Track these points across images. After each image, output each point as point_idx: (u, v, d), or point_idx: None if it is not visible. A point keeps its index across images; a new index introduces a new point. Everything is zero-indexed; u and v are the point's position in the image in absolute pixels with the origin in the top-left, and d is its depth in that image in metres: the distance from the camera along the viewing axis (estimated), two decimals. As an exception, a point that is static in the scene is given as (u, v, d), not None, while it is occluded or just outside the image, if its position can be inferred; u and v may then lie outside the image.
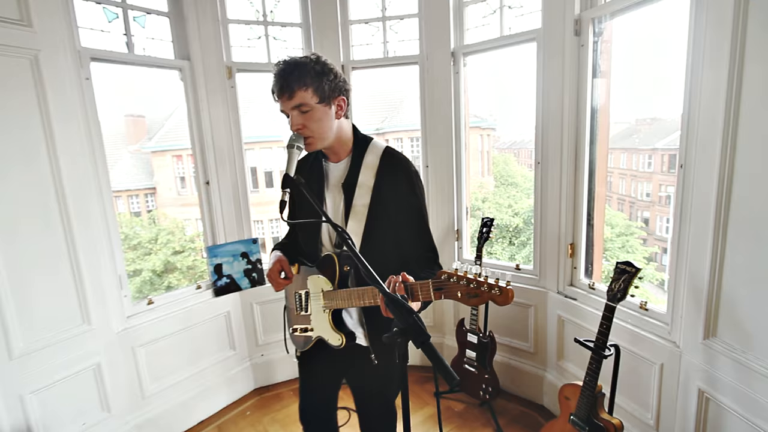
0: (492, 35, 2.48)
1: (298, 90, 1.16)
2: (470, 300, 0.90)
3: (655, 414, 1.75)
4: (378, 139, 1.34)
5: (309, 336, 1.38)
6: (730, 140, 1.35)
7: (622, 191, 20.05)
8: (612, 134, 11.70)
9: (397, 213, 1.26)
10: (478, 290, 0.88)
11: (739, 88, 1.32)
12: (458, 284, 0.91)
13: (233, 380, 2.68)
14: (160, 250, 13.58)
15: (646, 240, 15.76)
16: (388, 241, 1.25)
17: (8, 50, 1.71)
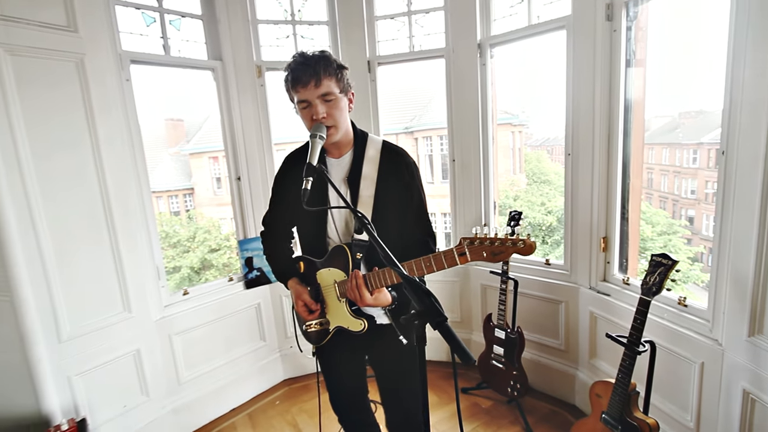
0: (520, 24, 2.42)
1: (324, 78, 1.19)
2: (495, 257, 0.94)
3: (695, 416, 1.65)
4: (373, 135, 1.39)
5: (326, 329, 1.39)
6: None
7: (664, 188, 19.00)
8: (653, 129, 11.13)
9: (400, 201, 1.32)
10: (503, 247, 0.93)
11: None
12: (482, 246, 0.95)
13: (263, 370, 2.76)
14: (197, 248, 14.18)
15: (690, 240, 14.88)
16: (392, 228, 1.29)
17: (57, 54, 1.85)
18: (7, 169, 1.69)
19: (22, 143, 1.73)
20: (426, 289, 0.87)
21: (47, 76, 1.80)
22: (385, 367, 1.45)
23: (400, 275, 0.90)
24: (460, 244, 0.97)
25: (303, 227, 1.45)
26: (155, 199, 18.15)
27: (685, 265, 11.37)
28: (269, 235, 1.53)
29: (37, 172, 1.77)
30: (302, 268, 1.43)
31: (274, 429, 2.38)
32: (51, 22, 1.82)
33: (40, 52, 1.78)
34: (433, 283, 2.83)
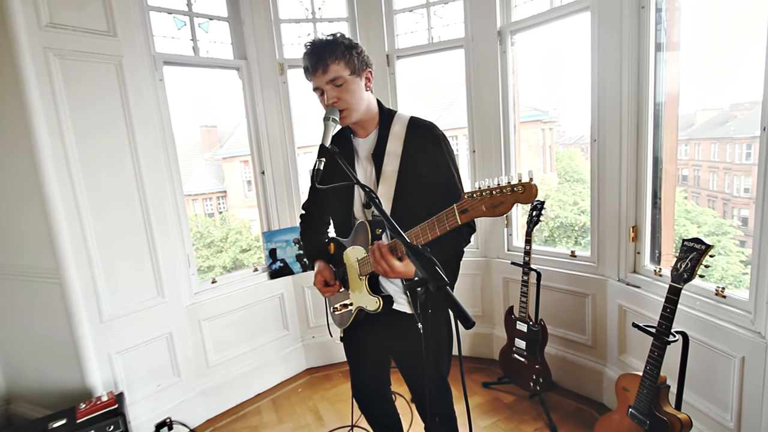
0: (541, 9, 2.35)
1: (331, 63, 1.21)
2: (496, 210, 0.85)
3: (736, 414, 1.54)
4: (402, 112, 1.36)
5: (349, 310, 1.41)
6: None
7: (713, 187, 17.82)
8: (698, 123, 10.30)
9: (427, 174, 1.28)
10: (501, 196, 0.83)
11: None
12: (482, 198, 0.87)
13: (287, 358, 2.82)
14: (229, 248, 14.74)
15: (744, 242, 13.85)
16: (418, 203, 1.27)
17: (99, 58, 2.00)
18: (56, 161, 1.85)
19: (68, 133, 1.90)
20: (429, 256, 0.86)
21: (90, 76, 1.96)
22: (405, 353, 1.45)
23: (404, 243, 0.90)
24: (460, 203, 0.93)
25: (334, 210, 1.48)
26: (191, 202, 19.06)
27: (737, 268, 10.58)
28: (306, 221, 1.59)
29: (81, 160, 1.94)
30: (332, 249, 1.46)
31: (296, 415, 2.43)
32: (94, 28, 1.97)
33: (84, 55, 1.93)
34: (455, 277, 2.80)
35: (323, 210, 1.55)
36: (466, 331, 2.85)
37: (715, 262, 1.36)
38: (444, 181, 1.28)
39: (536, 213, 2.21)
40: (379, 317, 1.34)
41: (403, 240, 0.91)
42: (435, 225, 1.00)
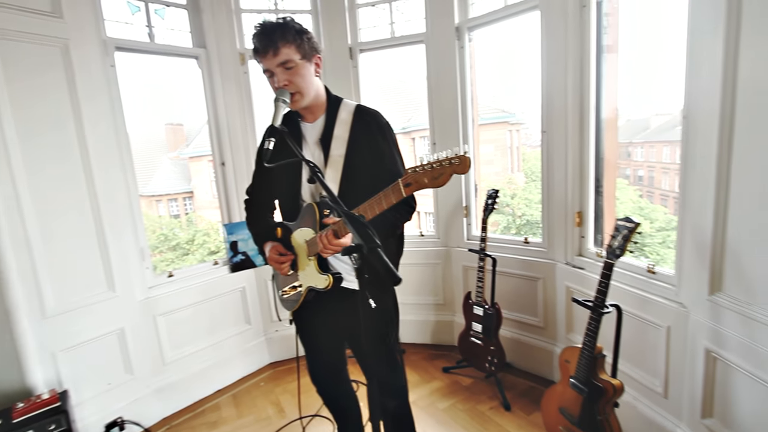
0: (496, 6, 2.46)
1: (282, 47, 1.23)
2: (437, 181, 0.93)
3: (664, 380, 1.67)
4: (348, 99, 1.41)
5: (298, 292, 1.43)
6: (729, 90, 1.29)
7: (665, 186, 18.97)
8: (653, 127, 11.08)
9: (372, 159, 1.33)
10: (441, 168, 0.92)
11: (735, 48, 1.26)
12: (423, 172, 0.94)
13: (249, 353, 2.79)
14: (197, 251, 14.29)
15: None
16: (364, 186, 1.30)
17: (42, 39, 1.90)
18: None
19: (8, 124, 1.79)
20: (363, 221, 0.90)
21: (32, 59, 1.86)
22: (356, 332, 1.47)
23: (341, 212, 0.93)
24: (405, 176, 0.98)
25: (280, 193, 1.49)
26: (155, 203, 18.31)
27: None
28: (251, 204, 1.59)
29: (23, 151, 1.83)
30: (279, 233, 1.47)
31: (257, 408, 2.40)
32: (36, 7, 1.89)
33: (26, 36, 1.84)
34: (416, 267, 2.87)
35: (269, 194, 1.55)
36: (428, 320, 2.92)
37: (665, 254, 1.48)
38: (388, 166, 1.34)
39: (491, 201, 2.31)
40: (329, 297, 1.36)
41: (341, 209, 0.94)
42: (381, 199, 1.05)
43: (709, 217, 1.38)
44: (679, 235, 1.57)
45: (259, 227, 1.55)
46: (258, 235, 1.52)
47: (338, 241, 1.17)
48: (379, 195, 1.06)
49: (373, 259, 0.83)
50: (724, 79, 1.30)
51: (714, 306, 1.41)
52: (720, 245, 1.37)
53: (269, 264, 1.44)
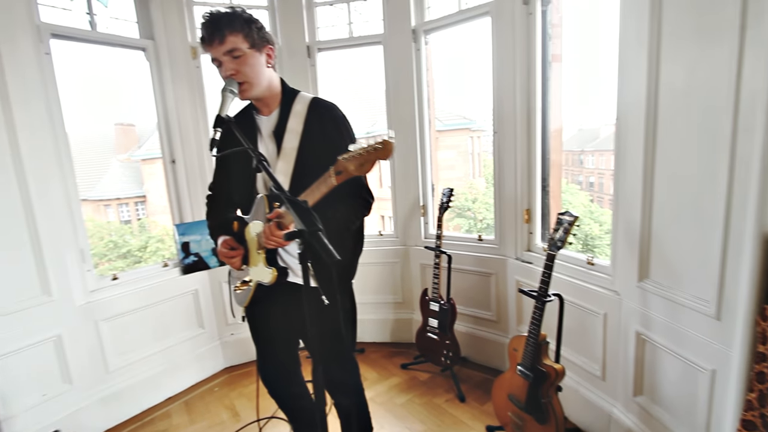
0: (451, 11, 2.55)
1: (229, 35, 1.21)
2: (362, 168, 0.96)
3: (602, 363, 1.79)
4: (304, 92, 1.41)
5: (248, 287, 1.40)
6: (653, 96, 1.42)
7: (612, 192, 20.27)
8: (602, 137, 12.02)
9: (326, 153, 1.30)
10: (366, 155, 0.94)
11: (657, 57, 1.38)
12: (350, 159, 0.96)
13: (202, 358, 2.68)
14: (149, 258, 13.55)
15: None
16: (317, 177, 1.30)
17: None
18: None
19: None
20: (305, 206, 0.91)
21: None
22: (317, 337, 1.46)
23: (283, 197, 0.93)
24: (336, 164, 1.00)
25: (237, 188, 1.46)
26: (103, 208, 17.20)
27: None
28: (211, 200, 1.55)
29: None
30: (236, 227, 1.44)
31: (210, 413, 2.32)
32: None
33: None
34: (375, 266, 2.89)
35: (228, 189, 1.52)
36: (388, 318, 2.94)
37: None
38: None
39: (446, 199, 2.38)
40: (282, 294, 1.35)
41: (284, 195, 0.95)
42: (315, 189, 1.08)
43: (637, 211, 1.50)
44: (614, 229, 1.70)
45: (215, 221, 1.51)
46: (214, 228, 1.49)
47: (281, 232, 1.16)
48: (314, 184, 1.08)
49: (314, 241, 0.83)
50: (648, 86, 1.42)
51: (642, 292, 1.53)
52: (647, 236, 1.49)
53: (220, 258, 1.41)
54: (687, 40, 1.27)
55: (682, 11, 1.28)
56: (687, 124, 1.30)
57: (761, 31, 1.01)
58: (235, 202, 1.56)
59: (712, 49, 1.18)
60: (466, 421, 2.07)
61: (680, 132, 1.33)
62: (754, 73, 1.05)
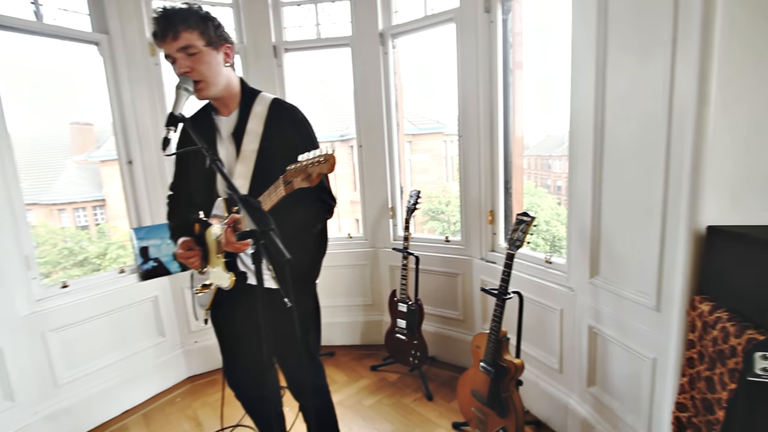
0: (417, 16, 2.59)
1: (183, 31, 1.18)
2: (308, 179, 0.96)
3: (559, 357, 1.87)
4: (266, 93, 1.39)
5: (209, 291, 1.38)
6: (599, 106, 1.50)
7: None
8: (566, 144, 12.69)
9: (286, 154, 1.29)
10: (311, 167, 0.95)
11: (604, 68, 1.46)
12: (296, 171, 0.97)
13: (163, 367, 2.57)
14: (109, 266, 12.89)
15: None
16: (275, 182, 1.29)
17: None
18: None
19: None
20: (257, 206, 0.91)
21: None
22: (281, 340, 1.44)
23: (236, 197, 0.92)
24: (285, 175, 1.01)
25: (198, 189, 1.42)
26: (57, 212, 16.19)
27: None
28: (173, 201, 1.51)
29: None
30: (197, 229, 1.40)
31: (171, 425, 2.23)
32: None
33: None
34: (344, 269, 2.88)
35: (188, 189, 1.47)
36: (357, 320, 2.94)
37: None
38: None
39: (413, 202, 2.41)
40: (244, 296, 1.32)
41: (236, 195, 0.93)
42: (266, 197, 1.08)
43: (588, 212, 1.58)
44: (569, 229, 1.78)
45: (176, 222, 1.47)
46: (174, 229, 1.45)
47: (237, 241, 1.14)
48: (265, 193, 1.08)
49: (265, 240, 0.83)
50: (596, 94, 1.50)
51: (594, 288, 1.61)
52: (597, 235, 1.58)
53: (177, 259, 1.36)
54: (629, 53, 1.36)
55: (626, 26, 1.37)
56: (630, 131, 1.39)
57: (689, 49, 1.10)
58: (196, 202, 1.52)
59: (650, 62, 1.27)
60: (434, 419, 2.10)
61: (624, 138, 1.42)
62: (685, 83, 1.13)
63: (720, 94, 1.05)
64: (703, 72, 1.06)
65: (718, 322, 0.93)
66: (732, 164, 1.07)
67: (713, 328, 0.94)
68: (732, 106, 1.05)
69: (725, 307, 0.97)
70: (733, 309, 0.96)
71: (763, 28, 1.02)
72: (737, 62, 1.03)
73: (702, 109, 1.07)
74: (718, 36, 1.03)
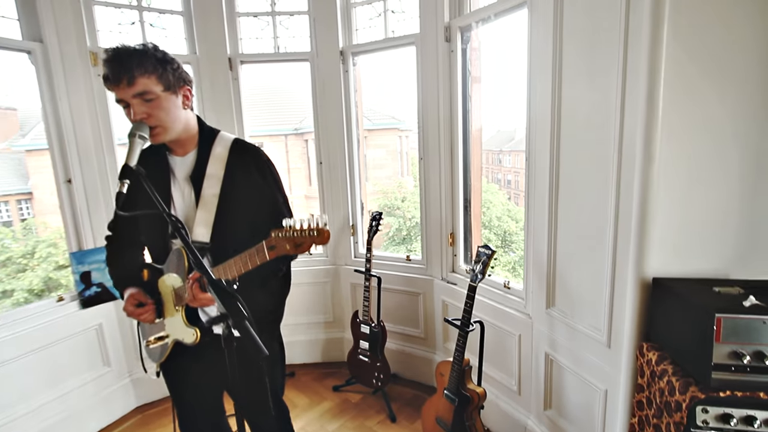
0: (378, 37, 2.59)
1: (140, 77, 1.09)
2: (298, 248, 0.95)
3: (518, 380, 1.97)
4: (225, 132, 1.33)
5: (165, 343, 1.30)
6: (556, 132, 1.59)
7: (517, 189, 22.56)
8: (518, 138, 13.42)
9: (250, 199, 1.27)
10: (302, 238, 0.94)
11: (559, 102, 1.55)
12: (286, 238, 0.95)
13: (109, 400, 2.40)
14: (38, 266, 11.73)
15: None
16: (242, 228, 1.25)
17: None
18: None
19: None
20: (231, 290, 0.86)
21: None
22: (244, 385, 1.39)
23: (206, 277, 0.88)
24: (269, 239, 0.97)
25: (147, 233, 1.33)
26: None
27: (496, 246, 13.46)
28: (113, 243, 1.39)
29: None
30: (146, 276, 1.31)
31: (120, 465, 2.09)
32: None
33: None
34: (305, 286, 2.84)
35: (135, 231, 1.37)
36: (318, 338, 2.92)
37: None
38: (268, 209, 1.28)
39: (375, 223, 2.42)
40: (204, 346, 1.27)
41: (205, 274, 0.89)
42: (247, 259, 1.02)
43: (544, 243, 1.68)
44: (526, 258, 1.87)
45: (120, 270, 1.36)
46: (120, 278, 1.34)
47: (207, 295, 1.10)
48: (244, 254, 1.03)
49: (239, 331, 0.80)
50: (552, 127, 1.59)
51: (550, 318, 1.72)
52: (552, 268, 1.68)
53: (127, 315, 1.27)
54: (581, 81, 1.44)
55: (578, 54, 1.45)
56: (582, 168, 1.48)
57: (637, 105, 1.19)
58: (141, 242, 1.42)
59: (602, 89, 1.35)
60: (397, 441, 2.14)
61: (578, 175, 1.51)
62: (632, 141, 1.23)
63: (663, 153, 1.15)
64: (649, 132, 1.15)
65: (664, 374, 1.03)
66: (675, 217, 1.18)
67: (660, 379, 1.04)
68: (673, 164, 1.16)
69: (670, 356, 1.08)
70: (674, 355, 1.06)
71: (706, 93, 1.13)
72: (680, 121, 1.14)
73: (647, 168, 1.17)
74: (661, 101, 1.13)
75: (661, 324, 1.15)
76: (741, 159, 1.16)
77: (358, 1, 2.63)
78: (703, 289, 1.05)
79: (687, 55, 1.11)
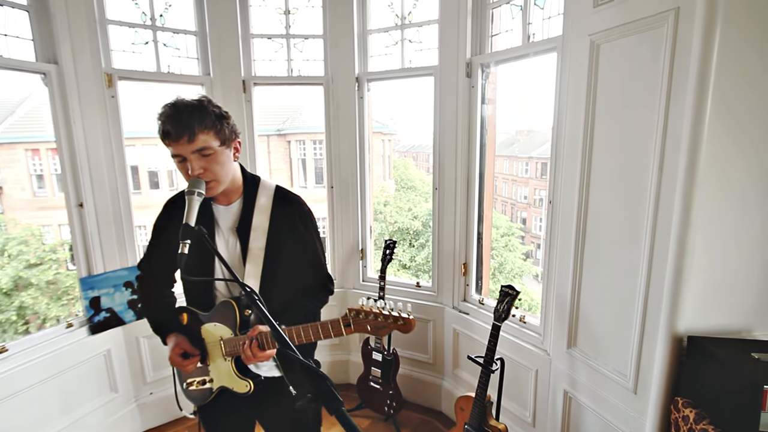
0: (394, 65, 2.62)
1: (200, 133, 1.10)
2: (379, 331, 0.99)
3: (532, 412, 2.05)
4: (266, 179, 1.35)
5: (209, 388, 1.31)
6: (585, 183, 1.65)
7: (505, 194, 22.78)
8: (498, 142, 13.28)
9: (294, 252, 1.30)
10: (385, 322, 0.98)
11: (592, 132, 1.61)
12: (367, 320, 0.99)
13: (117, 426, 2.36)
14: (8, 264, 11.23)
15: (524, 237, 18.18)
16: (285, 279, 1.29)
17: None
18: None
19: None
20: (322, 373, 0.88)
21: None
22: (275, 418, 1.41)
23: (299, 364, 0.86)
24: (345, 316, 1.01)
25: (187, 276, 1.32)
26: None
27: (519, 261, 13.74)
28: (146, 281, 1.38)
29: None
30: (185, 320, 1.31)
31: (133, 497, 2.06)
32: None
33: None
34: (315, 309, 2.84)
35: (171, 269, 1.37)
36: (324, 360, 2.93)
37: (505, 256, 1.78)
38: (310, 259, 1.33)
39: (389, 252, 2.46)
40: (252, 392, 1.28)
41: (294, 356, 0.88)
42: (319, 330, 1.05)
43: (568, 289, 1.75)
44: (544, 296, 1.95)
45: (159, 313, 1.36)
46: (160, 324, 1.33)
47: (265, 353, 1.12)
48: (316, 325, 1.06)
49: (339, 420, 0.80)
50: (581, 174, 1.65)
51: (571, 357, 1.79)
52: (575, 311, 1.75)
53: (172, 365, 1.27)
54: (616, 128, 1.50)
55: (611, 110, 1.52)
56: (614, 217, 1.53)
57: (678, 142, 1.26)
58: (174, 279, 1.42)
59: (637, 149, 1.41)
60: (410, 469, 2.19)
61: (607, 221, 1.57)
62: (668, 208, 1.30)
63: (699, 217, 1.23)
64: (687, 198, 1.23)
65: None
66: (706, 277, 1.25)
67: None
68: (707, 228, 1.23)
69: (708, 415, 1.13)
70: (715, 416, 1.12)
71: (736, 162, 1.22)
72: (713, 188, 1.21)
73: (683, 231, 1.24)
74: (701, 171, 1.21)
75: (697, 383, 1.22)
76: (763, 223, 1.25)
77: (374, 29, 2.66)
78: (742, 354, 1.14)
79: (723, 127, 1.20)
